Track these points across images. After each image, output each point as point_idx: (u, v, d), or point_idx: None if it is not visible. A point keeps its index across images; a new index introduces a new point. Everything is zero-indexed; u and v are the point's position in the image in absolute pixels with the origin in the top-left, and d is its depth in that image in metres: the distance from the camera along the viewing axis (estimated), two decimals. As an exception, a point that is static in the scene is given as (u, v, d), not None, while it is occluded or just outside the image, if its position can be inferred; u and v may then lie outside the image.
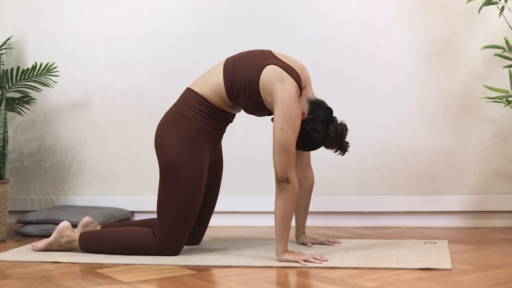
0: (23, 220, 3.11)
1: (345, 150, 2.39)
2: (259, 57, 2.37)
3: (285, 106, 2.25)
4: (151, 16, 3.43)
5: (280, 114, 2.25)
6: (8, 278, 2.13)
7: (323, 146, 2.40)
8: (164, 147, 2.38)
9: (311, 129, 2.33)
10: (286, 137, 2.24)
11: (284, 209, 2.25)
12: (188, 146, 2.36)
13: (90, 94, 3.51)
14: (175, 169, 2.35)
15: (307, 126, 2.33)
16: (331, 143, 2.37)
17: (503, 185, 3.06)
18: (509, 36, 2.91)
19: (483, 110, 3.07)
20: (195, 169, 2.35)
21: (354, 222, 3.18)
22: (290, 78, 2.30)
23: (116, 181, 3.47)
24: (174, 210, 2.36)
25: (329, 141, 2.36)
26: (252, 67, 2.33)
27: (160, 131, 2.43)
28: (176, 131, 2.37)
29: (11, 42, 3.56)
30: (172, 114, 2.42)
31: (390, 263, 2.18)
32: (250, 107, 2.39)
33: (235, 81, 2.34)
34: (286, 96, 2.25)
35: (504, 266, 2.14)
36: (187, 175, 2.35)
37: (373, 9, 3.18)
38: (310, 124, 2.33)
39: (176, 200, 2.36)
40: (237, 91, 2.35)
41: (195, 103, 2.39)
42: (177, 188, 2.35)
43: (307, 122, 2.33)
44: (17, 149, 3.62)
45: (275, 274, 2.11)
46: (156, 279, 2.07)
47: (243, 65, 2.36)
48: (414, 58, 3.14)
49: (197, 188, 2.37)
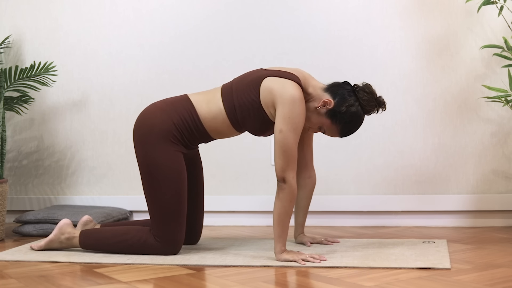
0: (22, 220, 3.10)
1: (384, 104, 2.35)
2: (252, 76, 2.37)
3: (285, 107, 2.25)
4: (150, 15, 3.43)
5: (280, 116, 2.25)
6: (6, 278, 2.13)
7: (366, 115, 2.36)
8: (144, 144, 2.39)
9: (347, 108, 2.30)
10: (285, 139, 2.24)
11: (281, 209, 2.25)
12: (163, 144, 2.37)
13: (88, 93, 3.51)
14: (155, 169, 2.36)
15: (342, 108, 2.30)
16: (369, 105, 2.32)
17: (501, 184, 3.06)
18: (508, 35, 2.91)
19: (482, 109, 3.07)
20: (173, 166, 2.36)
21: (353, 222, 3.18)
22: (289, 81, 2.29)
23: (114, 181, 3.47)
24: (162, 209, 2.37)
25: (367, 105, 2.32)
26: (248, 87, 2.34)
27: (141, 122, 2.43)
28: (158, 128, 2.37)
29: (10, 41, 3.56)
30: (158, 110, 2.42)
31: (389, 262, 2.18)
32: (259, 128, 2.38)
33: (238, 107, 2.34)
34: (287, 97, 2.25)
35: (502, 265, 2.14)
36: (168, 173, 2.35)
37: (372, 8, 3.18)
38: (342, 104, 2.31)
39: (162, 199, 2.37)
40: (243, 116, 2.35)
41: (187, 113, 2.39)
42: (161, 187, 2.36)
43: (339, 105, 2.31)
44: (16, 148, 3.61)
45: (274, 273, 2.11)
46: (154, 278, 2.07)
47: (240, 89, 2.36)
48: (413, 58, 3.14)
49: (179, 186, 2.37)
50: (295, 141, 2.26)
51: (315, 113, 2.36)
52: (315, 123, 2.37)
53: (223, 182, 3.34)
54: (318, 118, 2.36)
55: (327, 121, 2.34)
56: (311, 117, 2.37)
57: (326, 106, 2.32)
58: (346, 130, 2.35)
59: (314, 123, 2.37)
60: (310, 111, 2.36)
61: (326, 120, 2.34)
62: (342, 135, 2.38)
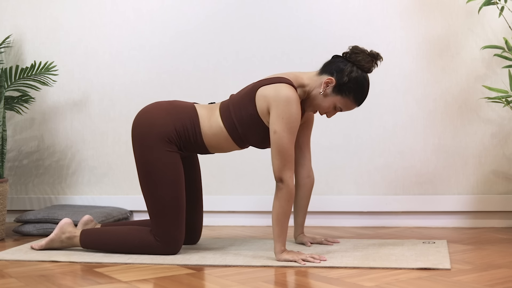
0: (22, 219, 3.11)
1: (378, 55, 2.34)
2: (246, 90, 2.38)
3: (279, 108, 2.26)
4: (150, 15, 3.43)
5: (274, 116, 2.26)
6: (6, 277, 2.13)
7: (368, 73, 2.34)
8: (142, 142, 2.39)
9: (348, 76, 2.30)
10: (279, 139, 2.25)
11: (279, 209, 2.26)
12: (160, 144, 2.37)
13: (89, 93, 3.51)
14: (152, 168, 2.37)
15: (344, 79, 2.30)
16: (366, 63, 2.31)
17: (502, 185, 3.06)
18: (508, 36, 2.91)
19: (482, 110, 3.07)
20: (169, 165, 2.37)
21: (353, 222, 3.18)
22: (281, 84, 2.30)
23: (115, 181, 3.47)
24: (160, 209, 2.38)
25: (365, 64, 2.31)
26: (244, 102, 2.35)
27: (143, 118, 2.44)
28: (158, 129, 2.38)
29: (10, 40, 3.56)
30: (163, 111, 2.42)
31: (389, 262, 2.19)
32: (261, 141, 2.39)
33: (238, 124, 2.35)
34: (280, 98, 2.26)
35: (502, 266, 2.14)
36: (165, 173, 2.36)
37: (372, 9, 3.18)
38: (342, 75, 2.30)
39: (160, 199, 2.37)
40: (244, 132, 2.36)
41: (189, 124, 2.39)
42: (158, 186, 2.37)
43: (340, 78, 2.30)
44: (16, 148, 3.62)
45: (274, 273, 2.11)
46: (154, 278, 2.07)
47: (237, 105, 2.36)
48: (413, 58, 3.14)
49: (176, 185, 2.38)
50: (290, 141, 2.26)
51: (323, 98, 2.35)
52: (329, 105, 2.36)
53: (223, 182, 3.34)
54: (328, 100, 2.34)
55: (338, 98, 2.34)
56: (322, 104, 2.36)
57: (329, 86, 2.32)
58: (359, 96, 2.34)
59: (328, 106, 2.36)
60: (318, 99, 2.36)
61: (336, 97, 2.34)
62: (358, 103, 2.36)
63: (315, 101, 2.36)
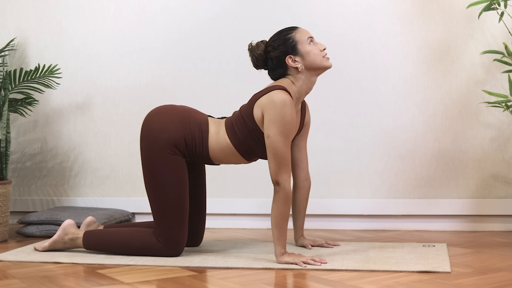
0: (25, 221, 3.12)
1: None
2: (246, 106, 2.41)
3: (271, 112, 2.28)
4: (153, 19, 3.45)
5: (266, 121, 2.29)
6: (9, 278, 2.14)
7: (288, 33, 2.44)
8: (149, 144, 2.42)
9: (279, 44, 2.42)
10: (273, 143, 2.28)
11: (276, 211, 2.28)
12: (167, 149, 2.40)
13: (92, 96, 3.53)
14: (157, 171, 2.39)
15: (283, 47, 2.40)
16: (270, 40, 2.47)
17: (501, 189, 3.07)
18: (508, 41, 2.93)
19: (482, 114, 3.09)
20: (174, 169, 2.39)
21: (354, 225, 3.19)
22: (273, 91, 2.32)
23: (117, 183, 3.49)
24: (164, 211, 2.40)
25: (270, 42, 2.46)
26: (244, 119, 2.38)
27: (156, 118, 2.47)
28: (167, 135, 2.40)
29: (15, 43, 3.58)
30: (177, 118, 2.45)
31: (390, 265, 2.20)
32: None
33: (244, 141, 2.38)
34: (273, 103, 2.28)
35: (502, 269, 2.15)
36: (169, 176, 2.38)
37: (373, 13, 3.20)
38: (279, 48, 2.41)
39: (164, 201, 2.39)
40: (251, 147, 2.40)
41: (198, 136, 2.42)
42: (163, 189, 2.39)
43: (283, 50, 2.40)
44: (19, 150, 3.63)
45: (275, 275, 2.12)
46: (156, 280, 2.08)
47: (239, 123, 2.39)
48: (414, 63, 3.16)
49: (181, 189, 2.40)
50: (284, 144, 2.28)
51: (303, 60, 2.39)
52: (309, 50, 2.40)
53: (224, 184, 3.36)
54: (305, 55, 2.39)
55: (306, 52, 2.39)
56: (310, 58, 2.39)
57: (297, 62, 2.38)
58: (291, 31, 2.43)
59: (310, 50, 2.40)
60: (309, 75, 2.41)
61: (300, 52, 2.39)
62: (297, 29, 2.44)
63: (309, 66, 2.40)
